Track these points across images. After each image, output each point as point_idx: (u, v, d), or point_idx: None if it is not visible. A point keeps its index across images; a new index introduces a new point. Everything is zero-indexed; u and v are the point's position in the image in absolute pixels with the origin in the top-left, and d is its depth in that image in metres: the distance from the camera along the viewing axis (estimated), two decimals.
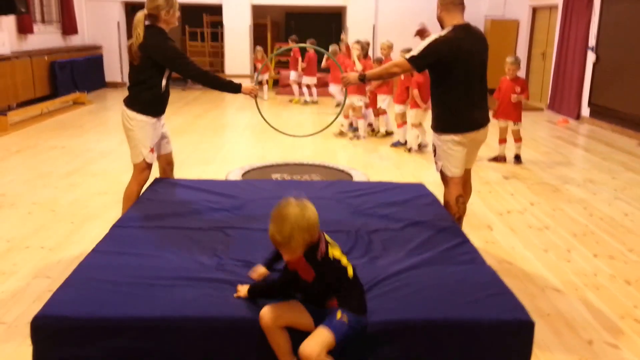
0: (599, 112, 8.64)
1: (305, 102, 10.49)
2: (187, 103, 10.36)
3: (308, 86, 10.41)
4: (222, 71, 12.71)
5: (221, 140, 7.27)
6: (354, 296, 2.06)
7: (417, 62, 3.24)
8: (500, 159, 6.20)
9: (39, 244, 3.70)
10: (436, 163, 3.45)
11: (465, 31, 3.25)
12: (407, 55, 3.28)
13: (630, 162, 6.33)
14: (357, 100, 7.14)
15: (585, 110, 9.00)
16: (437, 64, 3.22)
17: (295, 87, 10.65)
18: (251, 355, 2.09)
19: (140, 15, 3.38)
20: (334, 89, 8.87)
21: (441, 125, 3.34)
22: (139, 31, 3.34)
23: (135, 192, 3.54)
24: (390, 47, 7.40)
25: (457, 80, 3.24)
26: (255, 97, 3.59)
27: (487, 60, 3.43)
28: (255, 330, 2.04)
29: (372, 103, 7.46)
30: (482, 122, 3.39)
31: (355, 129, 7.43)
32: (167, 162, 3.84)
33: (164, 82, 3.49)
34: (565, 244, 3.88)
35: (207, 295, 2.20)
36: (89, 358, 2.05)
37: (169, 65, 3.41)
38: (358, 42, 7.32)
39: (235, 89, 3.49)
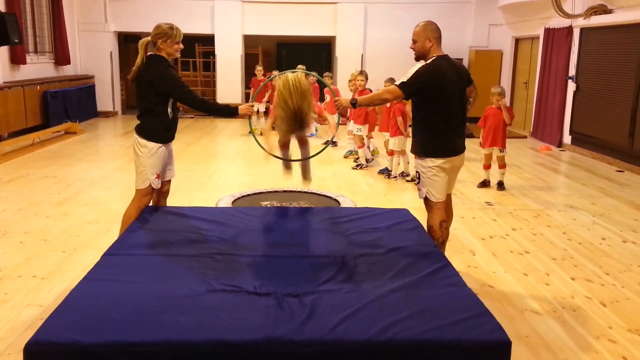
0: (580, 139, 8.87)
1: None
2: (178, 131, 10.26)
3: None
4: (214, 100, 12.89)
5: (212, 167, 7.38)
6: None
7: (407, 87, 3.40)
8: (487, 183, 6.38)
9: (31, 272, 3.75)
10: (420, 190, 3.58)
11: (447, 61, 3.48)
12: (397, 82, 3.45)
13: (609, 188, 6.51)
14: (357, 130, 7.31)
15: (567, 138, 9.22)
16: (424, 89, 3.40)
17: None
18: None
19: (144, 39, 3.57)
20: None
21: (425, 150, 3.50)
22: (140, 55, 3.54)
23: (134, 217, 3.63)
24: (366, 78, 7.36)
25: (440, 106, 3.44)
26: (250, 116, 3.74)
27: (465, 89, 3.61)
28: (244, 354, 2.09)
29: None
30: (461, 148, 3.60)
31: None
32: (162, 190, 3.94)
33: (169, 109, 3.64)
34: (544, 268, 4.00)
35: (197, 321, 2.24)
36: None
37: (169, 92, 3.55)
38: (361, 72, 7.41)
39: (232, 113, 3.65)
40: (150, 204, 3.86)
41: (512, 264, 4.06)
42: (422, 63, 3.47)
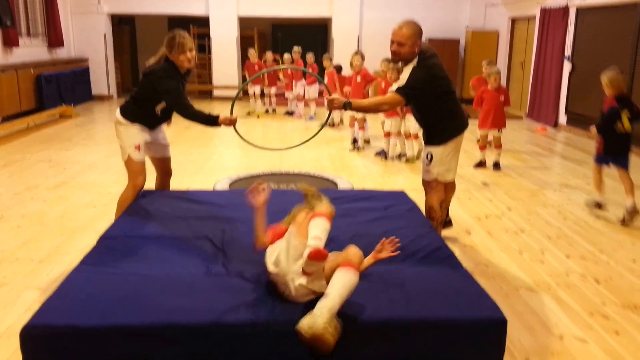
0: (575, 119, 8.88)
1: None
2: (175, 114, 10.43)
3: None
4: (210, 82, 12.82)
5: (209, 150, 7.37)
6: None
7: (407, 94, 3.32)
8: (483, 163, 6.40)
9: (29, 256, 3.76)
10: (429, 172, 3.58)
11: (430, 52, 3.43)
12: (394, 88, 3.38)
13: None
14: (355, 112, 7.30)
15: (563, 118, 9.24)
16: (426, 90, 3.34)
17: (294, 103, 10.45)
18: (240, 359, 2.14)
19: (163, 48, 3.57)
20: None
21: (446, 137, 3.50)
22: (158, 55, 3.58)
23: (129, 199, 3.64)
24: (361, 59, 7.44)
25: (447, 92, 3.45)
26: (234, 126, 3.55)
27: None
28: (243, 335, 2.11)
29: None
30: (468, 119, 3.65)
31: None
32: (164, 171, 3.96)
33: (157, 109, 3.65)
34: (539, 246, 4.04)
35: (195, 303, 2.24)
36: None
37: (160, 95, 3.54)
38: (357, 52, 7.43)
39: (212, 122, 3.50)
40: (154, 187, 3.88)
41: (508, 243, 4.10)
42: (411, 66, 3.35)
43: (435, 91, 3.38)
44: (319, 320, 1.96)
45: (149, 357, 2.10)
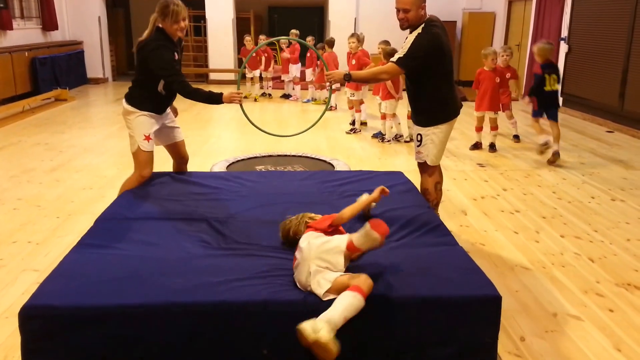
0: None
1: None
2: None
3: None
4: (206, 65, 12.73)
5: (206, 133, 7.36)
6: None
7: (407, 63, 3.25)
8: (479, 145, 6.42)
9: (26, 238, 3.77)
10: (419, 153, 3.57)
11: (438, 24, 3.34)
12: (394, 58, 3.29)
13: (599, 149, 6.58)
14: (351, 95, 7.30)
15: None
16: (427, 62, 3.27)
17: (290, 85, 10.40)
18: (237, 338, 2.16)
19: (154, 14, 3.41)
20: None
21: (435, 118, 3.45)
22: (148, 29, 3.40)
23: (132, 187, 3.54)
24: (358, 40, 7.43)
25: (443, 73, 3.38)
26: (240, 102, 3.48)
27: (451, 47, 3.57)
28: (241, 314, 2.13)
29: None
30: (461, 105, 3.61)
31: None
32: (179, 156, 3.86)
33: (160, 87, 3.50)
34: (534, 226, 4.08)
35: (193, 282, 2.25)
36: (77, 347, 2.09)
37: (156, 71, 3.38)
38: (353, 35, 7.41)
39: (216, 99, 3.42)
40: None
41: (503, 223, 4.13)
42: (415, 32, 3.28)
43: (436, 64, 3.30)
44: (325, 328, 1.99)
45: (146, 337, 2.11)
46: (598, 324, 2.76)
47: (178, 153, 3.86)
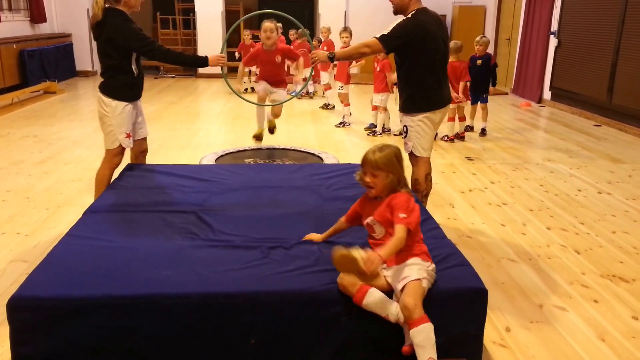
0: (560, 95, 8.94)
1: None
2: (160, 90, 10.35)
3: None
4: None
5: (195, 126, 7.34)
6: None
7: (389, 41, 3.34)
8: (456, 136, 6.58)
9: (15, 229, 3.76)
10: (406, 144, 3.60)
11: (428, 14, 3.44)
12: (378, 35, 3.38)
13: (586, 142, 6.63)
14: (339, 87, 7.31)
15: (547, 94, 9.29)
16: (407, 45, 3.36)
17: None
18: (226, 329, 2.16)
19: None
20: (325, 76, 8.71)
21: (416, 106, 3.50)
22: (97, 9, 3.27)
23: (107, 177, 3.59)
24: (329, 31, 8.29)
25: (425, 61, 3.42)
26: (222, 66, 3.53)
27: (447, 40, 3.61)
28: (230, 306, 2.14)
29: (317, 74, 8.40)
30: (449, 100, 3.63)
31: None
32: (140, 149, 3.85)
33: (134, 65, 3.46)
34: (521, 219, 4.12)
35: (182, 274, 2.26)
36: (66, 338, 2.10)
37: (130, 47, 3.33)
38: (345, 29, 7.61)
39: (202, 62, 3.44)
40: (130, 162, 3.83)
41: (490, 216, 4.17)
42: (402, 17, 3.41)
43: (419, 50, 3.36)
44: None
45: (135, 329, 2.11)
46: (583, 315, 2.80)
47: (139, 145, 3.83)
